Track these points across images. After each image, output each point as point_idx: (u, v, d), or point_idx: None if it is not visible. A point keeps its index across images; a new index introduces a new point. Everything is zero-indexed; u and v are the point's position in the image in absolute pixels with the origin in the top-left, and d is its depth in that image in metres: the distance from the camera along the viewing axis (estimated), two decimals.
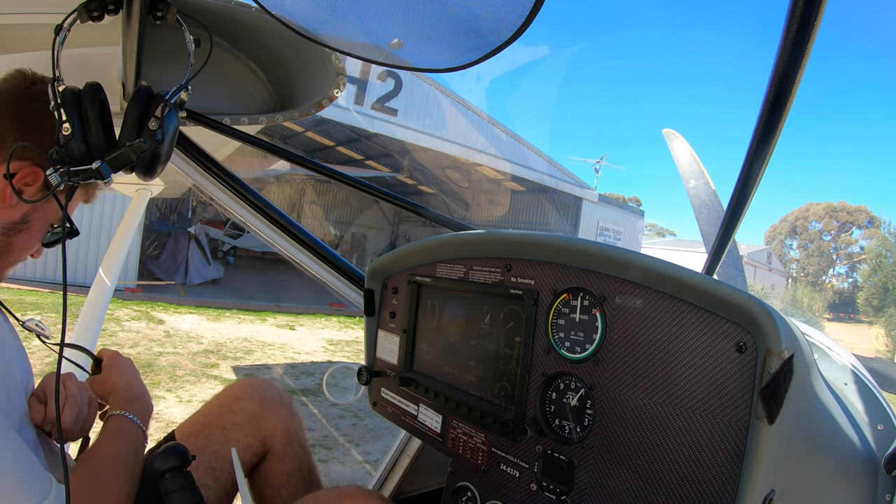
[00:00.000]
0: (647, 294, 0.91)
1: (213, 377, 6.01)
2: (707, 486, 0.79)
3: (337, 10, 1.02)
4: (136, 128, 0.97)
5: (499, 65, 67.46)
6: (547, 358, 1.05)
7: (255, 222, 1.68)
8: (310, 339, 9.16)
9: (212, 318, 9.53)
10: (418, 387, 1.34)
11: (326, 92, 1.56)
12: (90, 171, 0.92)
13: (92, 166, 0.92)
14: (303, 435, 1.56)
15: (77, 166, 0.92)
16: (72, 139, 0.91)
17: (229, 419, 1.45)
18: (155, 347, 6.91)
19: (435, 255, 1.33)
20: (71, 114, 0.91)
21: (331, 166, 1.89)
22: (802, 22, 0.69)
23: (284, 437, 1.49)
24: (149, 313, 8.99)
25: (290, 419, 1.52)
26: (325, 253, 1.73)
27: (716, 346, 0.81)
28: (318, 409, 5.50)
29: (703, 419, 0.81)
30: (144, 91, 1.00)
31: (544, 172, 16.96)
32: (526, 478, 1.07)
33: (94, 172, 0.92)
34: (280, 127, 9.96)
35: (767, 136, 0.86)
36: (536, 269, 1.09)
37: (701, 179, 1.69)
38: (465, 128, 14.80)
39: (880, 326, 25.73)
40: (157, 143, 0.98)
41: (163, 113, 0.98)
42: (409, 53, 1.04)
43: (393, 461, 1.78)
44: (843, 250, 47.17)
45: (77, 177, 0.92)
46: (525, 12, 0.76)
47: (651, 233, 65.15)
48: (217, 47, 1.43)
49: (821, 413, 0.86)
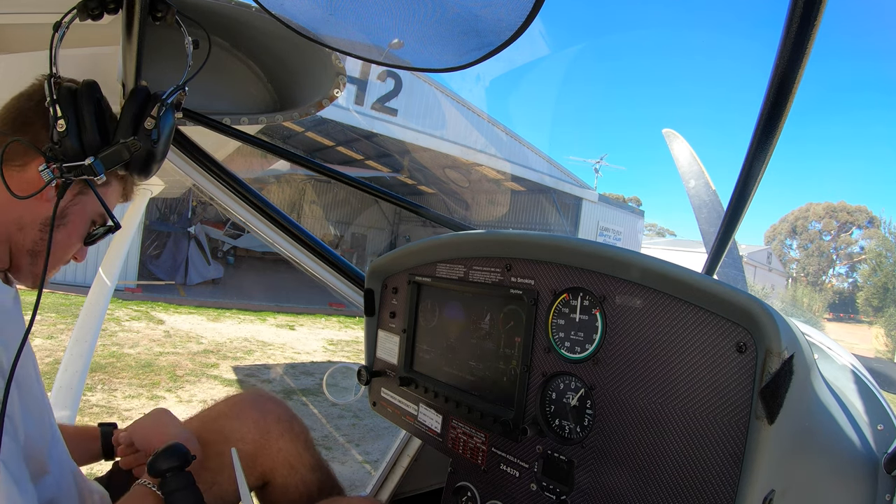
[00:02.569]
0: (647, 294, 0.91)
1: (213, 377, 6.01)
2: (707, 486, 0.79)
3: (337, 10, 1.02)
4: (131, 126, 0.97)
5: (499, 65, 67.35)
6: (547, 358, 1.05)
7: (255, 222, 1.68)
8: (310, 339, 9.16)
9: (212, 318, 9.53)
10: (418, 387, 1.34)
11: (326, 92, 1.56)
12: (83, 168, 0.91)
13: (85, 162, 0.92)
14: (310, 455, 1.44)
15: (70, 162, 0.91)
16: (66, 135, 0.91)
17: (230, 426, 1.38)
18: (155, 347, 6.91)
19: (435, 255, 1.33)
20: (66, 110, 0.91)
21: (331, 166, 1.89)
22: (802, 22, 0.69)
23: (286, 467, 1.39)
24: (149, 313, 8.99)
25: (293, 444, 1.40)
26: (325, 253, 1.73)
27: (716, 346, 0.81)
28: (318, 409, 5.50)
29: (703, 419, 0.81)
30: (142, 91, 1.00)
31: (544, 172, 16.96)
32: (526, 478, 1.07)
33: (87, 169, 0.92)
34: (280, 127, 9.96)
35: (767, 137, 0.86)
36: (536, 269, 1.09)
37: (701, 179, 1.69)
38: (465, 128, 14.79)
39: (880, 326, 25.74)
40: (152, 142, 0.98)
41: (159, 112, 0.98)
42: (409, 53, 1.03)
43: (393, 461, 1.78)
44: (843, 250, 47.17)
45: (70, 173, 0.91)
46: (525, 12, 0.76)
47: (651, 233, 65.21)
48: (217, 47, 1.43)
49: (821, 413, 0.86)
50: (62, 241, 1.01)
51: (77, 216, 1.01)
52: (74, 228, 1.01)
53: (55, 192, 0.93)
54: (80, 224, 1.03)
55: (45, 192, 0.94)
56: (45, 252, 0.96)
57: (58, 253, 1.01)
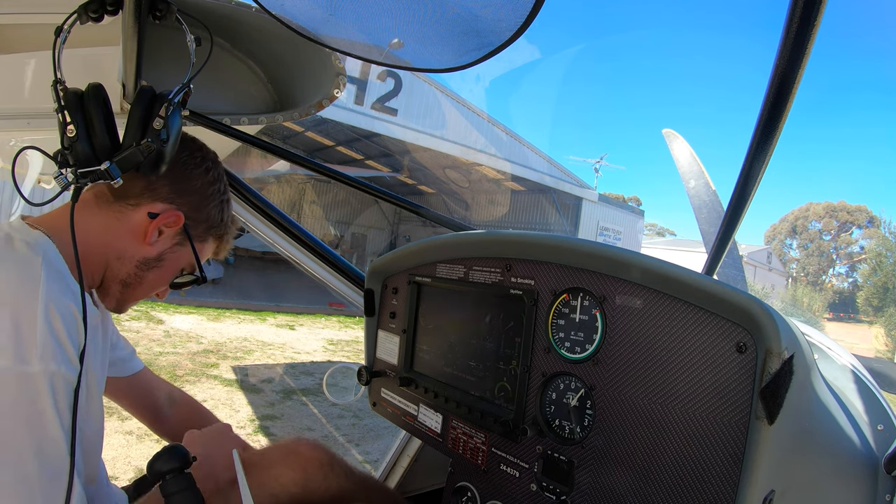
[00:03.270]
0: (647, 294, 0.91)
1: (212, 377, 6.01)
2: (707, 486, 0.79)
3: (337, 10, 1.02)
4: (140, 128, 0.97)
5: (499, 65, 67.47)
6: (547, 358, 1.05)
7: (255, 222, 1.68)
8: (310, 338, 9.16)
9: (212, 318, 9.53)
10: (418, 387, 1.34)
11: (326, 92, 1.56)
12: (99, 173, 0.92)
13: (101, 167, 0.92)
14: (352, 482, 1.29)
15: (84, 167, 0.92)
16: (77, 140, 0.91)
17: None
18: (155, 347, 6.91)
19: (435, 255, 1.33)
20: (75, 116, 0.91)
21: (331, 166, 1.89)
22: (802, 22, 0.69)
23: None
24: (149, 313, 8.99)
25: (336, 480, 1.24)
26: (325, 253, 1.73)
27: (716, 346, 0.81)
28: (318, 409, 5.50)
29: (702, 419, 0.81)
30: (147, 91, 1.00)
31: (544, 172, 16.97)
32: (526, 478, 1.07)
33: (104, 174, 0.92)
34: (280, 127, 9.96)
35: (767, 137, 0.86)
36: (536, 270, 1.09)
37: (701, 179, 1.69)
38: (465, 128, 14.80)
39: (880, 326, 25.73)
40: (162, 142, 0.98)
41: (167, 112, 0.98)
42: (409, 53, 1.03)
43: (393, 461, 1.78)
44: (843, 250, 47.18)
45: (85, 178, 0.92)
46: (525, 12, 0.76)
47: (651, 233, 65.24)
48: (217, 47, 1.43)
49: (821, 413, 0.86)
50: (153, 281, 1.10)
51: (171, 262, 1.10)
52: (167, 272, 1.11)
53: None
54: (173, 269, 1.12)
55: (149, 236, 1.03)
56: (136, 284, 1.07)
57: (147, 290, 1.11)
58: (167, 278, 1.12)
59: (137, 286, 1.08)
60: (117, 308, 1.11)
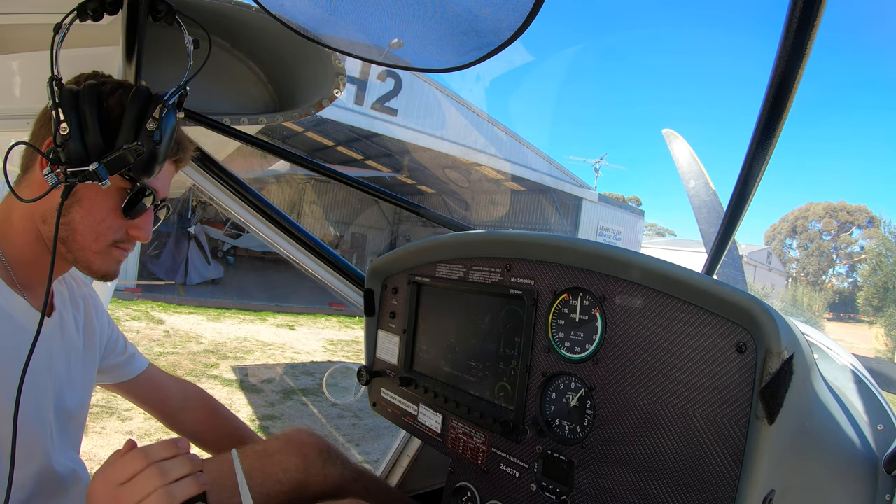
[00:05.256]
0: (647, 294, 0.91)
1: (212, 377, 6.01)
2: (707, 486, 0.79)
3: (337, 10, 1.02)
4: (133, 129, 0.97)
5: (499, 65, 67.43)
6: (547, 358, 1.05)
7: (255, 222, 1.68)
8: (310, 339, 9.16)
9: (212, 318, 9.53)
10: (418, 387, 1.34)
11: (326, 92, 1.56)
12: (87, 174, 0.91)
13: (89, 168, 0.91)
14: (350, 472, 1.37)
15: (74, 167, 0.91)
16: (69, 138, 0.91)
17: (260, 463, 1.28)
18: (155, 347, 6.91)
19: (435, 255, 1.33)
20: (69, 113, 0.91)
21: (331, 166, 1.89)
22: (802, 21, 0.69)
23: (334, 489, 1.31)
24: (149, 313, 8.99)
25: (334, 469, 1.33)
26: (325, 253, 1.72)
27: (716, 346, 0.81)
28: (318, 409, 5.50)
29: (702, 419, 0.81)
30: (143, 91, 1.00)
31: (544, 172, 16.96)
32: (526, 478, 1.07)
33: (92, 174, 0.91)
34: (280, 127, 9.96)
35: (767, 136, 0.86)
36: (536, 269, 1.09)
37: (701, 179, 1.69)
38: (465, 128, 14.79)
39: (880, 326, 25.72)
40: (154, 143, 0.97)
41: (161, 114, 0.98)
42: (409, 53, 1.03)
43: (393, 461, 1.78)
44: (843, 250, 47.18)
45: (74, 178, 0.91)
46: (525, 12, 0.76)
47: (651, 233, 65.25)
48: (217, 47, 1.43)
49: (821, 413, 0.86)
50: (85, 220, 0.97)
51: (91, 192, 0.97)
52: (94, 203, 0.98)
53: None
54: (97, 198, 0.98)
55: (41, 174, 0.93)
56: (73, 235, 0.97)
57: (89, 233, 0.98)
58: (101, 209, 0.99)
59: (74, 234, 0.97)
60: (97, 272, 1.01)
